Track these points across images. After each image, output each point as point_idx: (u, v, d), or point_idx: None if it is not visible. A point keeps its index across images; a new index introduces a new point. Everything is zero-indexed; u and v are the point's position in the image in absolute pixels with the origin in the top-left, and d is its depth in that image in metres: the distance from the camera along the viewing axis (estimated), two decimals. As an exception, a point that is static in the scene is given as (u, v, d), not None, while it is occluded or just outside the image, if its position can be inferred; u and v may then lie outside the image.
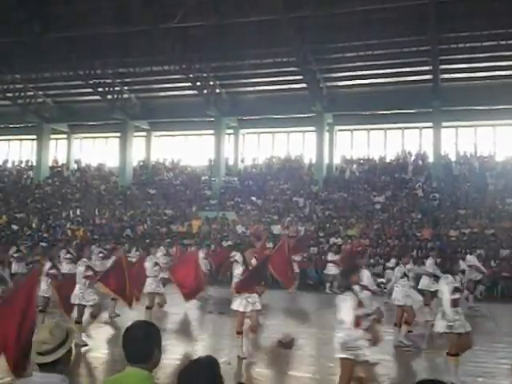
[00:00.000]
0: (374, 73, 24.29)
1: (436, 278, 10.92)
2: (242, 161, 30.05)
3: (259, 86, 26.88)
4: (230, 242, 21.67)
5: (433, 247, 18.21)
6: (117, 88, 28.31)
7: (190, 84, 26.34)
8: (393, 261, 14.92)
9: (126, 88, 28.63)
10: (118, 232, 24.60)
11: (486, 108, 24.09)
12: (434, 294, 10.50)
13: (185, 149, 31.33)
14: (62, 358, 3.08)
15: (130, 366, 3.02)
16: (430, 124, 25.34)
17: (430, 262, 13.01)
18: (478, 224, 21.33)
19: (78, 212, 27.62)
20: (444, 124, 25.11)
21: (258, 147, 30.23)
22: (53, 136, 32.26)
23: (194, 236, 22.79)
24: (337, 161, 27.96)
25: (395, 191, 24.74)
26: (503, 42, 21.19)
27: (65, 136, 33.02)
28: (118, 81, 27.98)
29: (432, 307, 11.64)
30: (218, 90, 27.37)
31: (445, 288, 7.90)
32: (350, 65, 24.22)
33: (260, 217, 24.53)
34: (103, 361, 9.48)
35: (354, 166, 27.49)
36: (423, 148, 26.76)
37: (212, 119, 27.80)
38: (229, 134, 29.44)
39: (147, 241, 19.21)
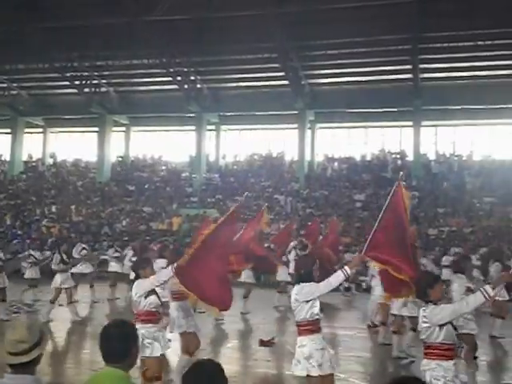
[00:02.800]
0: (355, 71, 24.36)
1: None
2: (223, 157, 29.88)
3: (241, 81, 26.73)
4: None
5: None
6: (95, 81, 27.87)
7: (170, 78, 26.10)
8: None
9: (104, 81, 28.22)
10: (95, 230, 24.23)
11: (464, 107, 24.32)
12: None
13: (165, 145, 31.03)
14: (36, 359, 2.95)
15: (106, 366, 2.98)
16: (410, 123, 25.47)
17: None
18: (456, 222, 21.51)
19: (53, 209, 27.08)
20: (424, 123, 25.29)
21: (240, 144, 30.08)
22: (27, 130, 31.57)
23: (175, 234, 22.56)
24: (318, 158, 27.97)
25: (376, 189, 24.83)
26: (482, 43, 21.37)
27: (40, 130, 32.35)
28: (96, 74, 27.56)
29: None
30: (199, 86, 27.16)
31: (458, 288, 7.84)
32: (332, 62, 24.24)
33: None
34: (83, 361, 9.28)
35: (336, 163, 27.53)
36: (403, 147, 26.91)
37: (193, 115, 27.56)
38: (210, 131, 29.24)
39: (125, 239, 18.88)
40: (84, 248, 15.52)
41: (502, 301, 10.68)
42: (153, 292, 6.12)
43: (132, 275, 10.21)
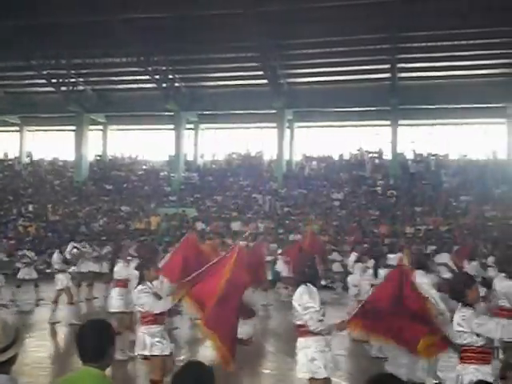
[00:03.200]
0: (334, 70, 24.49)
1: None
2: (202, 156, 29.80)
3: (220, 80, 26.69)
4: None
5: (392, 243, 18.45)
6: (72, 79, 27.54)
7: (148, 77, 25.93)
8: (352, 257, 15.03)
9: (81, 80, 27.93)
10: (72, 229, 23.95)
11: (442, 107, 24.63)
12: None
13: (143, 144, 30.83)
14: (11, 358, 2.91)
15: (82, 365, 2.97)
16: (387, 122, 25.70)
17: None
18: (433, 221, 21.77)
19: (30, 208, 26.72)
20: (401, 122, 25.54)
21: (218, 143, 30.02)
22: (3, 128, 31.21)
23: (153, 233, 22.43)
24: (296, 157, 28.06)
25: (354, 188, 25.01)
26: (459, 43, 21.64)
27: (17, 128, 31.90)
28: (74, 72, 27.23)
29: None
30: (177, 84, 27.03)
31: (428, 283, 7.97)
32: (311, 61, 24.33)
33: (220, 213, 24.36)
34: (59, 361, 9.17)
35: (314, 162, 27.64)
36: (381, 146, 27.14)
37: (171, 113, 27.42)
38: (188, 129, 29.13)
39: (103, 238, 18.72)
40: (75, 247, 15.35)
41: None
42: (157, 294, 6.13)
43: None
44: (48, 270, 16.82)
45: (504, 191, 23.20)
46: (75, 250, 14.96)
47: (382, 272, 9.51)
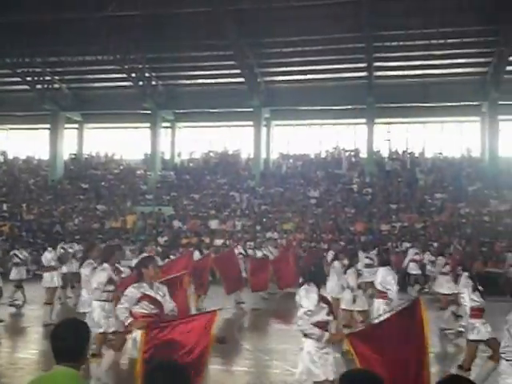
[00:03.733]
0: (310, 68, 24.56)
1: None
2: (179, 155, 29.67)
3: (196, 79, 26.59)
4: (165, 238, 21.37)
5: (365, 241, 18.66)
6: (47, 77, 27.19)
7: (124, 75, 25.69)
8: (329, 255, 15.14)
9: (56, 78, 27.57)
10: (47, 228, 23.69)
11: (417, 105, 24.92)
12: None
13: (119, 142, 30.57)
14: None
15: (57, 365, 2.94)
16: (363, 120, 25.90)
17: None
18: (408, 218, 22.03)
19: (4, 207, 26.32)
20: (377, 120, 25.77)
21: (195, 141, 29.92)
22: (-22, 127, 30.65)
23: (129, 232, 22.30)
24: (274, 156, 28.12)
25: (330, 186, 25.17)
26: (435, 42, 21.90)
27: (-10, 127, 31.43)
28: (49, 70, 26.88)
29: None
30: (154, 82, 26.87)
31: (393, 279, 8.10)
32: (288, 60, 24.38)
33: (197, 212, 24.31)
34: (32, 361, 9.07)
35: (291, 160, 27.74)
36: (357, 144, 27.34)
37: (148, 112, 27.25)
38: (165, 128, 28.98)
39: (77, 237, 18.52)
40: (63, 247, 15.16)
41: (451, 293, 10.99)
42: (145, 297, 5.92)
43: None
44: (38, 272, 16.43)
45: (478, 188, 23.59)
46: (62, 251, 14.80)
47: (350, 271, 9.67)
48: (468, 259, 7.55)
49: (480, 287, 7.14)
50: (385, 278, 8.30)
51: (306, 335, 5.21)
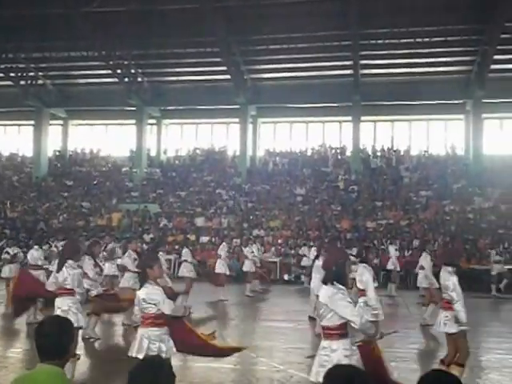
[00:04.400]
0: (297, 66, 24.59)
1: None
2: (165, 152, 29.55)
3: (182, 75, 26.48)
4: (151, 235, 21.30)
5: (351, 238, 18.77)
6: (31, 73, 26.91)
7: (110, 71, 25.53)
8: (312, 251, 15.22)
9: (41, 74, 27.29)
10: (31, 226, 23.47)
11: (402, 103, 25.05)
12: None
13: (105, 139, 30.38)
14: None
15: (40, 363, 2.91)
16: (349, 118, 25.99)
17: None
18: (393, 215, 22.18)
19: (-13, 204, 26.08)
20: (363, 118, 25.87)
21: (181, 138, 29.83)
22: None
23: (114, 229, 22.17)
24: (260, 153, 28.13)
25: (316, 184, 25.24)
26: (420, 40, 22.04)
27: (-27, 123, 31.04)
28: (33, 66, 26.59)
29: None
30: (139, 79, 26.73)
31: (369, 277, 8.13)
32: (274, 57, 24.37)
33: (183, 209, 24.25)
34: (16, 359, 8.99)
35: (277, 158, 27.77)
36: (343, 141, 27.44)
37: (133, 108, 27.10)
38: (151, 125, 28.85)
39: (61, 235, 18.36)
40: (49, 245, 15.01)
41: (435, 289, 11.10)
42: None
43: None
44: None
45: (462, 186, 23.82)
46: (54, 249, 14.66)
47: None
48: (449, 255, 7.59)
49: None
50: (361, 275, 8.33)
51: (337, 336, 4.82)
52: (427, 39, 22.06)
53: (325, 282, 5.02)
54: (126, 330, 10.94)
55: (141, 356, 5.44)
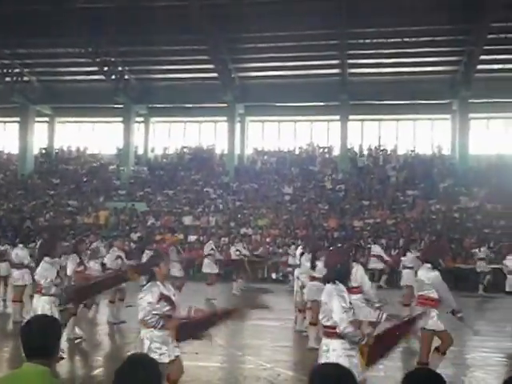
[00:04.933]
0: (285, 65, 24.60)
1: None
2: (152, 150, 29.43)
3: (170, 73, 26.39)
4: (139, 234, 21.22)
5: (338, 237, 18.84)
6: (16, 70, 26.64)
7: (97, 68, 25.36)
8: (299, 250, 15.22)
9: (26, 70, 27.02)
10: (17, 224, 23.26)
11: (390, 103, 25.18)
12: None
13: (91, 136, 30.18)
14: None
15: (27, 363, 2.86)
16: (337, 117, 26.07)
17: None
18: (380, 214, 22.29)
19: (-27, 202, 25.80)
20: (350, 117, 25.96)
21: (169, 136, 29.72)
22: None
23: (101, 227, 22.06)
24: (248, 152, 28.12)
25: (304, 182, 25.29)
26: (407, 39, 22.17)
27: (-42, 120, 30.67)
28: (18, 62, 26.33)
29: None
30: (127, 76, 26.58)
31: (364, 274, 8.19)
32: (262, 56, 24.39)
33: (171, 208, 24.18)
34: (2, 359, 8.92)
35: (265, 157, 27.78)
36: (331, 140, 27.52)
37: (121, 106, 26.96)
38: (138, 122, 28.72)
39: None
40: (35, 243, 14.84)
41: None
42: (163, 297, 5.60)
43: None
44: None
45: (448, 185, 24.01)
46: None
47: (320, 264, 9.77)
48: (429, 252, 7.65)
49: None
50: (354, 273, 8.35)
51: (346, 337, 4.80)
52: (414, 39, 22.20)
53: (327, 280, 5.01)
54: (112, 327, 10.92)
55: None
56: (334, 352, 4.78)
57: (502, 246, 18.35)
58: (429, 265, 7.21)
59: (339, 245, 13.06)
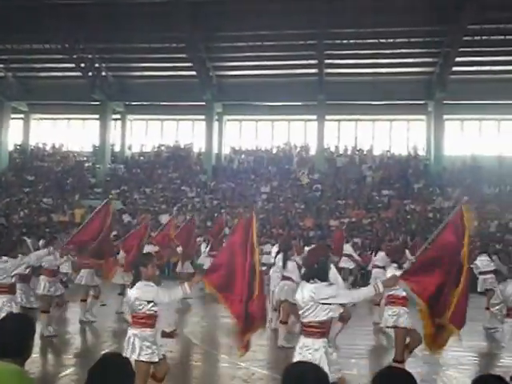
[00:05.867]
0: (262, 64, 24.64)
1: None
2: (129, 148, 29.22)
3: (148, 70, 26.23)
4: (114, 232, 21.01)
5: (314, 236, 18.94)
6: (-9, 65, 26.27)
7: (73, 65, 25.09)
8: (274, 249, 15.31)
9: (1, 66, 26.64)
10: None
11: (366, 103, 25.40)
12: None
13: (67, 133, 29.85)
14: None
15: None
16: (314, 117, 26.20)
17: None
18: (356, 214, 22.47)
19: None
20: (327, 117, 26.11)
21: (146, 134, 29.54)
22: None
23: (76, 225, 21.79)
24: (226, 150, 28.10)
25: (281, 182, 25.38)
26: (384, 41, 22.39)
27: None
28: (-7, 58, 25.95)
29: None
30: (104, 73, 26.34)
31: (336, 272, 8.26)
32: (240, 55, 24.40)
33: (148, 206, 24.04)
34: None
35: (242, 156, 27.80)
36: (308, 140, 27.65)
37: (97, 103, 26.72)
38: (115, 120, 28.49)
39: (23, 231, 18.01)
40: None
41: None
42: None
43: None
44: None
45: (423, 186, 24.32)
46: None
47: (290, 264, 9.86)
48: (392, 252, 7.78)
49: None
50: None
51: (318, 334, 4.79)
52: (391, 40, 22.45)
53: (306, 278, 4.99)
54: (88, 325, 10.85)
55: (135, 357, 5.37)
56: (317, 352, 4.75)
57: (475, 247, 18.63)
58: (395, 264, 7.35)
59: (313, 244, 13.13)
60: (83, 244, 9.52)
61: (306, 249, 11.61)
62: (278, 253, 10.70)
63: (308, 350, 4.77)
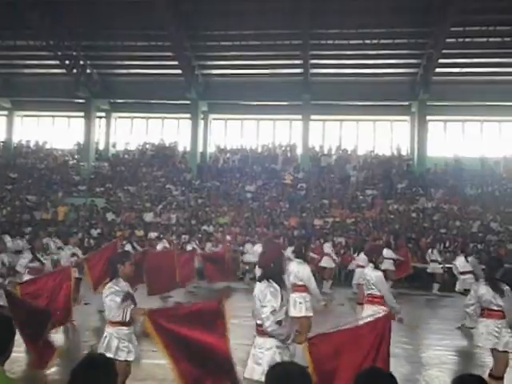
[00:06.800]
0: (248, 63, 24.68)
1: None
2: (114, 146, 29.07)
3: (133, 68, 26.11)
4: (98, 230, 20.95)
5: (298, 235, 19.04)
6: (-26, 62, 25.95)
7: (58, 62, 24.90)
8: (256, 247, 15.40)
9: (-16, 62, 26.35)
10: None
11: (350, 104, 25.55)
12: None
13: (51, 131, 29.60)
14: None
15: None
16: (299, 116, 26.30)
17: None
18: (340, 213, 22.61)
19: None
20: (312, 117, 26.23)
21: (131, 132, 29.41)
22: None
23: (60, 223, 21.70)
24: (211, 149, 28.08)
25: (266, 181, 25.44)
26: (369, 41, 22.55)
27: None
28: (-24, 54, 25.65)
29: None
30: (88, 71, 26.18)
31: (309, 272, 8.31)
32: (226, 54, 24.39)
33: (132, 204, 23.96)
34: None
35: (228, 155, 27.81)
36: (293, 139, 27.74)
37: (82, 101, 26.54)
38: (100, 117, 28.32)
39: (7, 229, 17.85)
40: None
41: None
42: (130, 294, 5.59)
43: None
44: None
45: (406, 186, 24.53)
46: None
47: None
48: (373, 252, 7.86)
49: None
50: (298, 271, 8.46)
51: (272, 336, 4.79)
52: (375, 41, 22.62)
53: (260, 279, 5.00)
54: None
55: (110, 355, 5.28)
56: (268, 351, 4.76)
57: (457, 246, 18.85)
58: (372, 264, 7.45)
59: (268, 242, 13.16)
60: None
61: (290, 249, 11.70)
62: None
63: (260, 349, 4.80)
